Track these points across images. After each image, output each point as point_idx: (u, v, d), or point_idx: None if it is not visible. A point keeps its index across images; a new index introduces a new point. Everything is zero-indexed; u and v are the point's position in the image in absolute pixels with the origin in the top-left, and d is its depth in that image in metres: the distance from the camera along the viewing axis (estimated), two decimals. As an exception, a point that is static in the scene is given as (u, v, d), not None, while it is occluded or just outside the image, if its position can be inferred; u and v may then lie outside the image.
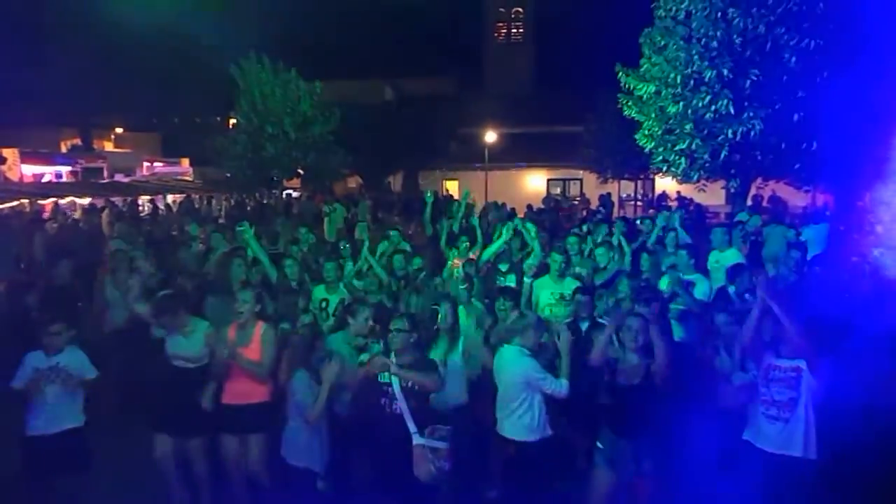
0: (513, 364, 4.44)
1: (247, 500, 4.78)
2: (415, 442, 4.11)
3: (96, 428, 4.74)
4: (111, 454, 5.11)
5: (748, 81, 10.41)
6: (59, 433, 4.45)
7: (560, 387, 4.31)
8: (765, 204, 15.78)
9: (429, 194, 10.25)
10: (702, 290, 6.38)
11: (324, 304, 6.14)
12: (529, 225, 7.75)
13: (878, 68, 9.08)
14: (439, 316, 4.96)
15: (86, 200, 19.47)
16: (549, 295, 6.37)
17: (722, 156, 11.04)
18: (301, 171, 20.83)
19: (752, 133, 10.51)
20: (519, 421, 4.40)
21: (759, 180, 12.87)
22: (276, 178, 20.48)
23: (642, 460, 4.30)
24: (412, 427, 4.13)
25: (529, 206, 18.16)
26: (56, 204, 17.75)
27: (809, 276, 6.36)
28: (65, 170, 28.43)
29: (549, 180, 30.39)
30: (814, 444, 3.88)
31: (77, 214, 16.87)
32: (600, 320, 5.49)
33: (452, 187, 30.99)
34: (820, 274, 6.20)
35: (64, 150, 31.09)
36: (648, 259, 7.11)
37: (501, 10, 41.06)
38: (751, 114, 10.45)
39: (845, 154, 9.95)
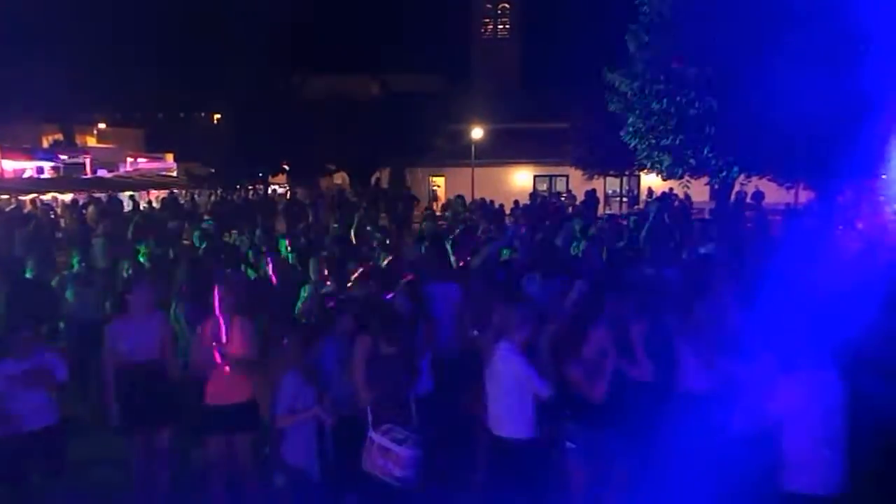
0: (504, 360, 4.43)
1: (224, 500, 4.73)
2: (369, 434, 4.14)
3: (71, 427, 4.69)
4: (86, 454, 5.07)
5: (731, 79, 10.51)
6: (32, 432, 4.35)
7: (544, 387, 4.30)
8: (748, 200, 15.93)
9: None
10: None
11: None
12: None
13: (857, 65, 9.19)
14: None
15: (68, 196, 19.26)
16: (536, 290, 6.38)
17: (705, 152, 11.14)
18: (286, 168, 20.75)
19: (735, 130, 10.61)
20: (509, 418, 4.39)
21: (741, 176, 12.99)
22: (262, 174, 20.39)
23: (619, 452, 4.32)
24: (369, 418, 4.16)
25: (516, 203, 18.21)
26: (38, 200, 17.54)
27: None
28: (46, 165, 28.05)
29: (535, 177, 30.46)
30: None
31: (59, 210, 16.69)
32: None
33: (439, 184, 31.02)
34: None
35: (45, 145, 30.69)
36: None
37: (488, 6, 41.04)
38: (734, 110, 10.55)
39: (826, 152, 10.07)
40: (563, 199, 22.41)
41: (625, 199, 27.86)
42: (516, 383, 4.35)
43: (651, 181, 24.74)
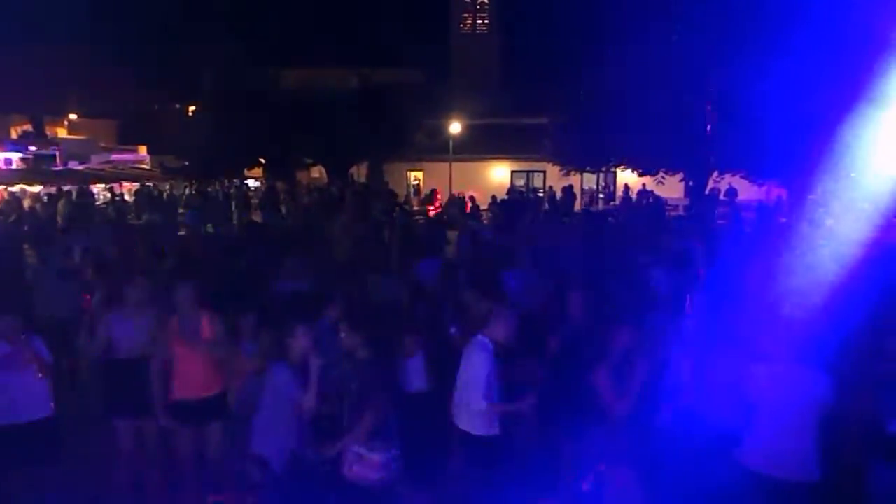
0: (474, 354, 4.42)
1: (195, 491, 4.71)
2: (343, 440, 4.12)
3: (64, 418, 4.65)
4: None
5: (706, 77, 10.64)
6: (28, 423, 4.34)
7: (475, 399, 4.28)
8: (722, 197, 16.18)
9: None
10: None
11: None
12: None
13: (828, 63, 9.34)
14: None
15: (37, 188, 18.86)
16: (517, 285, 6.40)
17: (680, 149, 11.27)
18: (262, 161, 20.52)
19: (709, 128, 10.75)
20: (471, 412, 4.39)
21: (715, 174, 13.17)
22: (237, 167, 20.15)
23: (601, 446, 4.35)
24: (346, 424, 4.14)
25: (493, 198, 18.25)
26: (7, 192, 17.15)
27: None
28: (15, 156, 27.42)
29: (512, 172, 30.53)
30: None
31: (27, 202, 16.34)
32: None
33: (419, 178, 30.94)
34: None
35: (14, 136, 30.00)
36: None
37: (467, 0, 41.02)
38: (709, 108, 10.68)
39: (797, 149, 10.23)
40: (541, 194, 22.52)
41: (601, 195, 28.07)
42: (480, 377, 4.33)
43: (627, 177, 24.94)
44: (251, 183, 24.75)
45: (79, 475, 4.97)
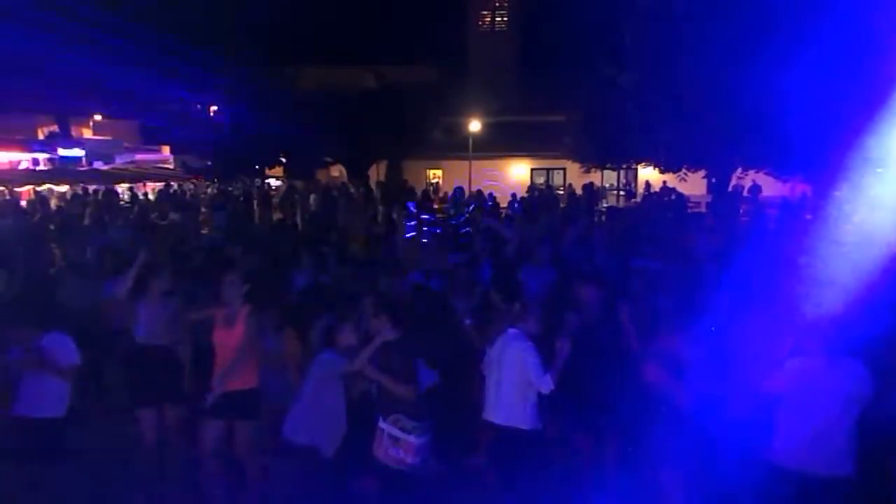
0: (510, 347, 4.42)
1: (220, 485, 4.76)
2: (379, 424, 4.19)
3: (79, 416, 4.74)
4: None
5: (730, 71, 10.49)
6: (39, 419, 4.43)
7: (544, 382, 4.26)
8: (745, 193, 15.96)
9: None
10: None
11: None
12: None
13: (855, 56, 9.18)
14: None
15: (63, 188, 19.20)
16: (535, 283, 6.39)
17: (703, 145, 11.13)
18: (283, 160, 20.65)
19: (732, 123, 10.60)
20: (508, 406, 4.39)
21: (739, 170, 12.99)
22: (259, 166, 20.30)
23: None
24: (379, 411, 4.24)
25: (514, 195, 18.21)
26: (35, 191, 17.47)
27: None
28: (42, 157, 27.92)
29: (532, 169, 30.44)
30: None
31: (54, 202, 16.64)
32: None
33: (438, 176, 30.97)
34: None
35: (41, 136, 30.52)
36: None
37: (486, -3, 40.92)
38: (732, 103, 10.53)
39: (823, 145, 10.06)
40: (560, 191, 22.41)
41: (622, 193, 27.85)
42: (518, 370, 4.34)
43: (648, 174, 24.75)
44: (273, 182, 24.95)
45: (102, 466, 5.06)
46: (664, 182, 20.88)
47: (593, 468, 4.82)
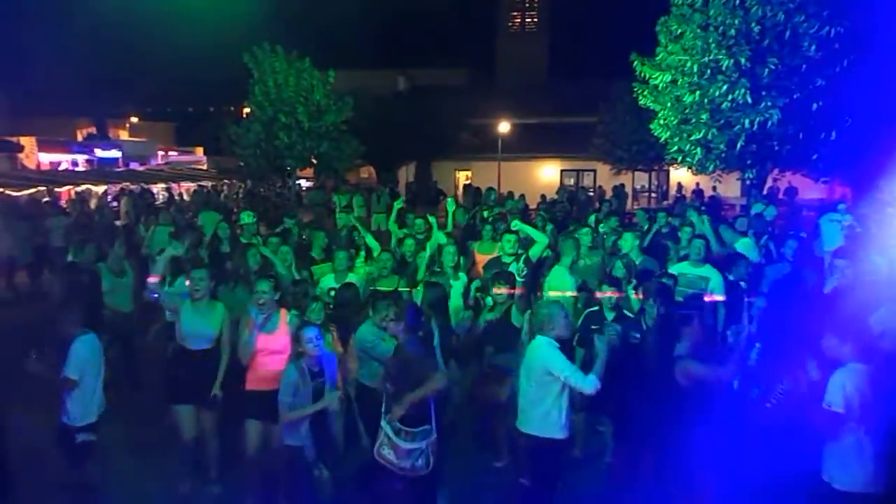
0: (538, 355, 4.37)
1: (257, 487, 4.80)
2: (381, 423, 4.20)
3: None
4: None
5: (766, 70, 10.28)
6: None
7: (588, 383, 4.19)
8: (781, 196, 15.61)
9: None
10: (714, 284, 6.32)
11: (332, 293, 6.15)
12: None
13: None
14: None
15: (101, 188, 19.65)
16: (563, 285, 6.33)
17: (738, 146, 10.92)
18: (314, 161, 20.81)
19: (770, 123, 10.38)
20: (539, 415, 4.34)
21: (775, 171, 12.71)
22: (290, 167, 20.48)
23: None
24: (383, 408, 4.22)
25: (543, 197, 18.09)
26: (74, 192, 17.92)
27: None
28: (80, 158, 28.68)
29: (562, 171, 30.21)
30: None
31: (93, 202, 17.03)
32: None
33: (468, 177, 30.95)
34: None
35: (80, 138, 31.35)
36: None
37: (516, -1, 40.85)
38: (768, 103, 10.31)
39: (865, 145, 9.80)
40: (591, 193, 22.20)
41: (653, 195, 27.49)
42: (547, 379, 4.29)
43: (680, 176, 24.38)
44: (303, 183, 25.20)
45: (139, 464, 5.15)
46: (697, 184, 20.57)
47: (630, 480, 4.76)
